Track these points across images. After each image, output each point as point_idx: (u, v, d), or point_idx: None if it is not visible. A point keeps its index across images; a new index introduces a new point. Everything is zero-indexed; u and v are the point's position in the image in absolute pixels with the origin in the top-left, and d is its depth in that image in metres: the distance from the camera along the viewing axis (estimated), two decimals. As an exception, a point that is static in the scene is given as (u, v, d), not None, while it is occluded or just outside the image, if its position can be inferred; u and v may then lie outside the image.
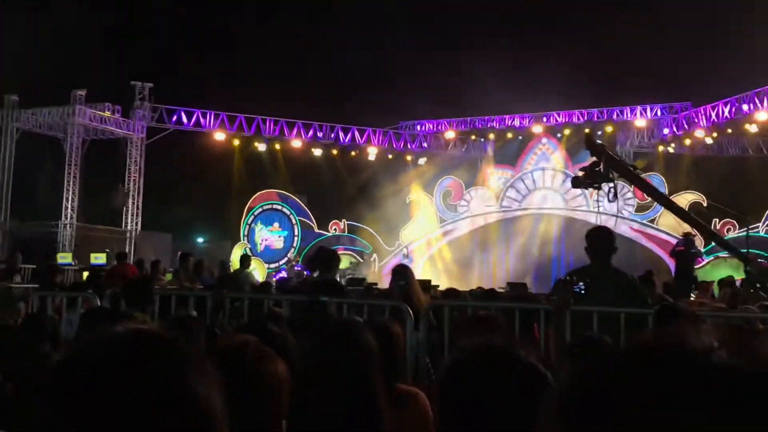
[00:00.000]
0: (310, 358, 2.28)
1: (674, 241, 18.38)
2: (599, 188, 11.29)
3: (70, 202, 26.99)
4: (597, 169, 11.16)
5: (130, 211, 28.19)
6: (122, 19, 32.58)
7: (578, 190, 22.67)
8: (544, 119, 29.85)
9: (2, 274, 14.61)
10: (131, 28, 33.46)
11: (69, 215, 26.90)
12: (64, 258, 22.06)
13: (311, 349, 2.38)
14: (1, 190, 26.96)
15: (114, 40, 31.73)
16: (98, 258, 21.89)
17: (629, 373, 0.69)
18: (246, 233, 28.29)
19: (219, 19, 33.83)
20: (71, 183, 27.08)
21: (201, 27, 33.76)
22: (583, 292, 5.53)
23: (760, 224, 22.54)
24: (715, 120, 26.48)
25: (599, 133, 28.02)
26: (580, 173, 11.76)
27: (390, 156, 31.04)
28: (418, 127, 32.01)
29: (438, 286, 19.31)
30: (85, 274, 15.32)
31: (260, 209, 28.66)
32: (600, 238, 6.18)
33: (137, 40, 32.53)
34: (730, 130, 27.03)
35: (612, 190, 11.55)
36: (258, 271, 23.59)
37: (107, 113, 27.32)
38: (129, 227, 28.05)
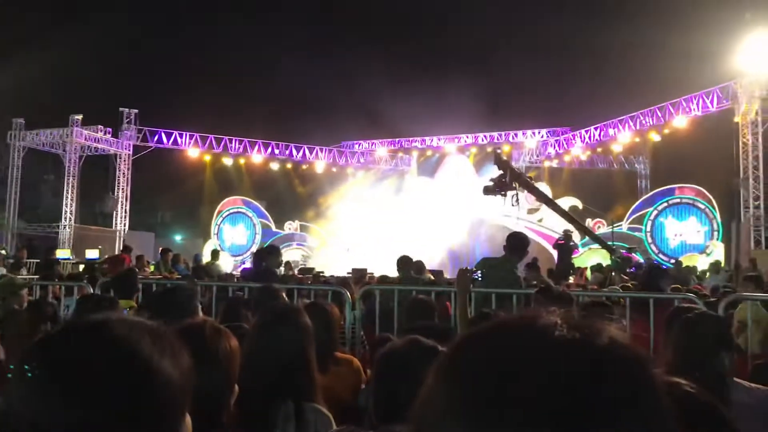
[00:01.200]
0: (258, 334, 2.29)
1: (556, 236, 18.61)
2: (505, 195, 11.49)
3: (68, 207, 26.35)
4: (503, 180, 11.38)
5: (119, 214, 27.60)
6: (114, 56, 32.15)
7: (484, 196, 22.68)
8: (456, 140, 30.02)
9: (11, 267, 14.07)
10: (121, 63, 33.07)
11: (68, 218, 26.25)
12: (64, 253, 21.33)
13: (259, 326, 2.34)
14: (10, 197, 26.40)
15: (106, 73, 31.31)
16: (92, 253, 21.25)
17: (481, 341, 0.69)
18: (216, 232, 27.92)
19: (194, 55, 33.55)
20: (69, 191, 26.42)
21: (180, 62, 33.44)
22: (480, 278, 5.74)
23: (623, 222, 22.96)
24: (588, 141, 26.94)
25: (498, 151, 28.27)
26: (490, 183, 11.99)
27: (334, 169, 30.81)
28: (357, 146, 31.96)
29: (373, 273, 19.66)
30: (81, 266, 15.00)
31: (228, 212, 28.23)
32: (514, 239, 6.34)
33: (126, 73, 32.10)
34: (600, 149, 27.59)
35: (515, 197, 11.76)
36: (226, 263, 23.15)
37: (100, 134, 26.70)
38: (118, 227, 27.45)
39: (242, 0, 34.36)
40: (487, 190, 11.90)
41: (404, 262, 8.57)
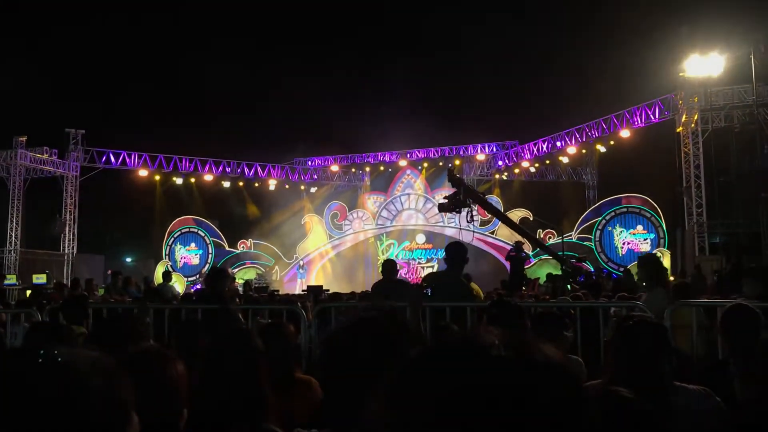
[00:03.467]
0: (210, 357, 2.30)
1: (509, 248, 18.85)
2: (459, 212, 11.70)
3: (14, 231, 25.65)
4: (458, 197, 11.54)
5: (67, 237, 26.91)
6: (59, 74, 31.56)
7: (434, 210, 23.37)
8: (408, 155, 30.14)
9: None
10: (67, 82, 32.53)
11: (13, 242, 25.56)
12: (9, 279, 20.64)
13: (211, 350, 2.35)
14: (-50, 223, 25.45)
15: (51, 93, 30.68)
16: (39, 278, 20.71)
17: (429, 359, 0.73)
18: (167, 253, 27.62)
19: (142, 73, 33.03)
20: (14, 215, 25.69)
21: (127, 81, 32.83)
22: (429, 294, 5.78)
23: (573, 233, 23.37)
24: (537, 153, 27.34)
25: (450, 165, 28.53)
26: (444, 201, 12.16)
27: (287, 186, 30.63)
28: (309, 163, 31.84)
29: (328, 290, 19.47)
30: (29, 292, 14.41)
31: (179, 232, 27.99)
32: (453, 251, 6.39)
33: (72, 92, 31.49)
34: (548, 161, 28.01)
35: (470, 212, 11.94)
36: (178, 284, 22.56)
37: (45, 155, 26.08)
38: (66, 251, 26.80)
39: (190, 17, 33.91)
40: (443, 207, 12.10)
41: (388, 269, 8.45)
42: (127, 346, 2.08)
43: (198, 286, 24.32)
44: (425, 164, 29.06)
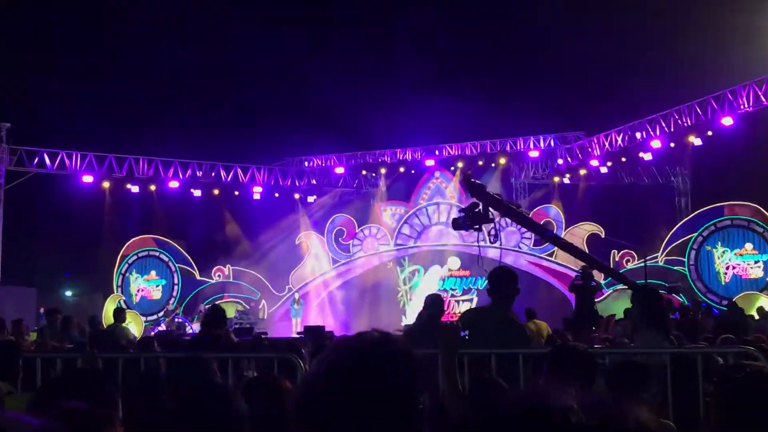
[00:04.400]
0: (175, 424, 2.28)
1: (573, 274, 18.76)
2: (479, 229, 11.60)
3: None
4: (477, 210, 11.42)
5: (-15, 264, 27.44)
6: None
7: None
8: (437, 152, 30.23)
9: None
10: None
11: None
12: None
13: (177, 413, 2.33)
14: None
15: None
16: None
17: (481, 427, 0.74)
18: (120, 284, 27.85)
19: (87, 54, 32.69)
20: None
21: (67, 63, 32.42)
22: (467, 338, 5.82)
23: (659, 254, 23.21)
24: (609, 149, 27.16)
25: (492, 165, 28.87)
26: (460, 215, 12.08)
27: (276, 194, 30.82)
28: (306, 163, 32.00)
29: (332, 332, 19.30)
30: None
31: (135, 257, 28.24)
32: (499, 279, 6.43)
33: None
34: (624, 159, 27.66)
35: (494, 231, 11.83)
36: (134, 326, 23.03)
37: (-45, 157, 26.28)
38: (-15, 283, 27.12)
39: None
40: (457, 224, 11.99)
41: (435, 303, 8.73)
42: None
43: (160, 328, 24.77)
44: (460, 164, 28.86)
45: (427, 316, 8.55)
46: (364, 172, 31.82)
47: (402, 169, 30.59)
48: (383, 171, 31.05)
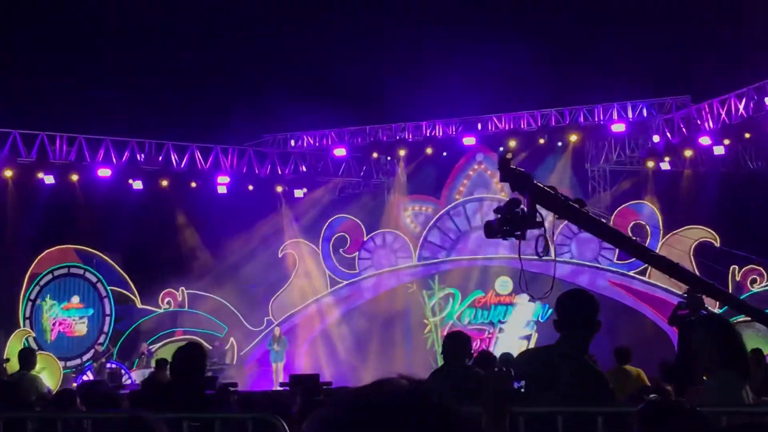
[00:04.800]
0: None
1: (675, 301, 18.60)
2: (522, 237, 11.39)
3: None
4: (518, 209, 11.13)
5: None
6: None
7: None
8: (479, 126, 30.22)
9: None
10: None
11: None
12: None
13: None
14: None
15: None
16: None
17: None
18: (28, 315, 28.16)
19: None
20: None
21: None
22: (522, 389, 5.68)
23: (799, 272, 23.12)
24: (727, 120, 26.76)
25: (559, 144, 29.00)
26: (495, 217, 11.91)
27: (250, 187, 31.02)
28: (292, 142, 32.23)
29: (330, 383, 20.28)
30: None
31: (49, 276, 28.63)
32: (572, 308, 6.42)
33: None
34: (748, 135, 27.25)
35: (542, 240, 11.61)
36: (48, 374, 23.51)
37: None
38: None
39: None
40: (490, 230, 11.81)
41: (457, 344, 8.96)
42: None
43: (86, 377, 25.03)
44: (512, 143, 28.81)
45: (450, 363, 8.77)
46: (375, 155, 31.72)
47: (430, 151, 30.43)
48: (403, 153, 30.92)
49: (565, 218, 11.30)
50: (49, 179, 28.72)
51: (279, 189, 31.45)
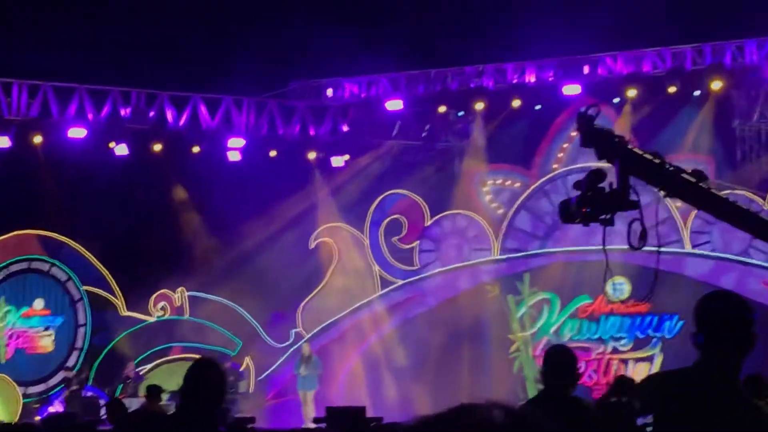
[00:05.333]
0: None
1: None
2: (609, 222, 9.69)
3: None
4: (601, 186, 9.67)
5: None
6: None
7: (665, 211, 24.16)
8: (585, 68, 29.50)
9: None
10: None
11: None
12: None
13: None
14: None
15: None
16: None
17: None
18: None
19: None
20: None
21: None
22: (650, 428, 6.28)
23: None
24: None
25: (697, 93, 28.12)
26: (574, 196, 11.11)
27: (272, 152, 31.08)
28: (329, 92, 31.45)
29: (380, 419, 20.57)
30: None
31: (3, 272, 29.10)
32: (720, 319, 6.29)
33: None
34: None
35: (639, 224, 9.64)
36: (2, 405, 24.36)
37: None
38: None
39: None
40: (568, 212, 10.17)
41: (560, 364, 8.88)
42: None
43: (52, 408, 26.12)
44: (631, 92, 28.66)
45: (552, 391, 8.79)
46: (442, 109, 30.72)
47: (517, 103, 29.80)
48: (480, 107, 30.17)
49: (677, 196, 10.44)
50: (3, 141, 28.83)
51: (311, 156, 31.36)
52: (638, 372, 25.46)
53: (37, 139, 28.88)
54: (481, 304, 28.47)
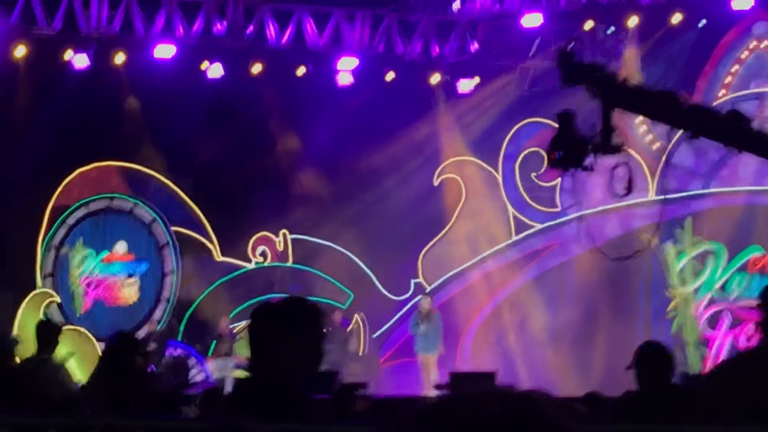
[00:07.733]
0: None
1: None
2: (588, 168, 12.19)
3: None
4: (572, 127, 12.08)
5: None
6: None
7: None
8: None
9: None
10: None
11: None
12: None
13: None
14: None
15: None
16: None
17: None
18: (49, 270, 27.91)
19: None
20: None
21: None
22: None
23: None
24: None
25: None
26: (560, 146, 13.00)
27: (390, 75, 29.37)
28: (456, 4, 29.69)
29: (512, 387, 18.80)
30: None
31: (82, 211, 27.99)
32: None
33: None
34: None
35: (623, 170, 12.56)
36: (79, 362, 21.95)
37: None
38: None
39: None
40: (554, 160, 12.62)
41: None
42: None
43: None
44: None
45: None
46: (589, 25, 28.44)
47: (677, 18, 28.11)
48: (634, 22, 28.61)
49: (684, 128, 12.93)
50: (82, 60, 27.61)
51: (435, 79, 29.83)
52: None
53: (119, 58, 27.68)
54: (635, 250, 25.43)
